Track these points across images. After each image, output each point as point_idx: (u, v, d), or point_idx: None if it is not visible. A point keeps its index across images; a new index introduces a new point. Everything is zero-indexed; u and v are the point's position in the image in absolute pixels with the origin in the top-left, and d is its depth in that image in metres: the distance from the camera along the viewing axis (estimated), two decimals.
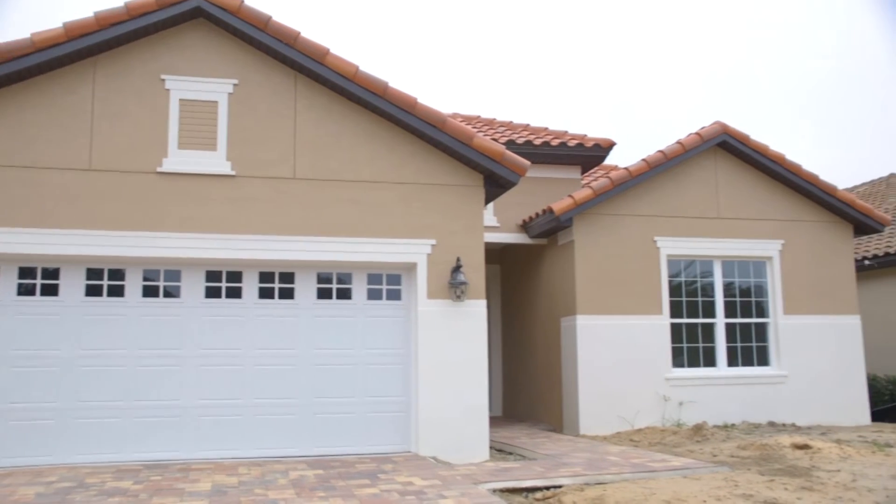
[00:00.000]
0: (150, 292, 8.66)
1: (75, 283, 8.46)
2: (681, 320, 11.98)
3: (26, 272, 8.38)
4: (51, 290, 8.41)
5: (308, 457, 8.64)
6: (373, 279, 9.26)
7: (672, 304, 11.97)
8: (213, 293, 8.81)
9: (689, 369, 11.90)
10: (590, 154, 13.16)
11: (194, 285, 8.76)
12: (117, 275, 8.59)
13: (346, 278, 9.21)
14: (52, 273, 8.44)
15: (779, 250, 12.40)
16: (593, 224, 11.73)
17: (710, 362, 12.07)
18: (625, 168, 11.80)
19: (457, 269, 9.02)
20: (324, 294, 9.11)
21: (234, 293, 8.87)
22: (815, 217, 12.65)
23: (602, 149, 13.14)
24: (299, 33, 8.67)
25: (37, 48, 7.98)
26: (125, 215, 8.36)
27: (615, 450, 9.34)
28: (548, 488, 7.13)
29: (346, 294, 9.18)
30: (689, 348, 12.00)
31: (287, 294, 9.01)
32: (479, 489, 6.86)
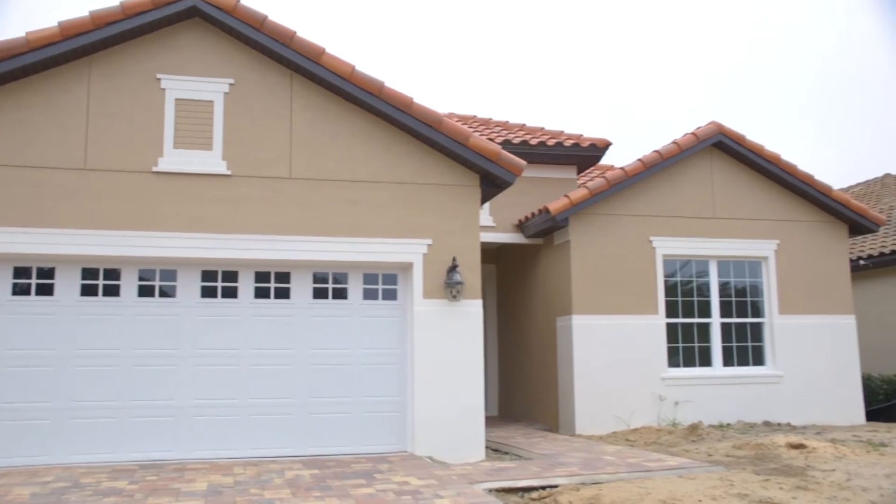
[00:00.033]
0: (145, 292, 8.65)
1: (70, 283, 8.44)
2: (677, 320, 12.00)
3: (21, 272, 8.36)
4: (46, 290, 8.39)
5: (304, 456, 8.64)
6: (369, 279, 9.26)
7: (668, 304, 11.98)
8: (208, 293, 8.80)
9: (685, 369, 11.92)
10: (586, 154, 13.18)
11: (190, 285, 8.75)
12: (113, 274, 8.58)
13: (342, 278, 9.20)
14: (47, 273, 8.42)
15: (774, 250, 12.43)
16: (589, 224, 11.74)
17: (706, 362, 12.09)
18: (621, 168, 11.81)
19: (453, 268, 9.02)
20: (320, 294, 9.10)
21: (230, 293, 8.86)
22: (810, 217, 12.69)
23: (598, 149, 13.15)
24: (295, 33, 8.66)
25: (32, 47, 7.96)
26: (121, 215, 8.35)
27: (611, 449, 9.35)
28: (544, 488, 7.13)
29: (342, 294, 9.17)
30: (685, 348, 12.02)
31: (283, 294, 9.00)
32: (474, 489, 6.86)
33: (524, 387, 13.39)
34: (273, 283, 8.98)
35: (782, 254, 12.45)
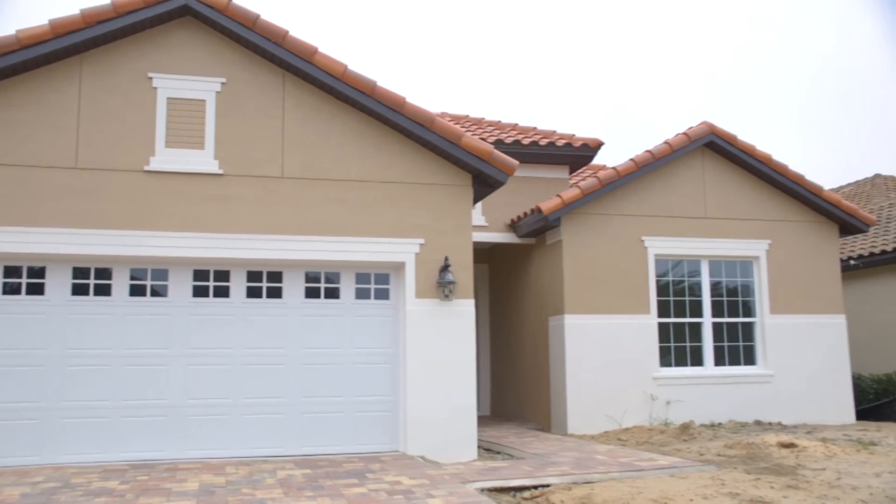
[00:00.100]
0: (137, 291, 8.62)
1: (61, 282, 8.41)
2: (668, 320, 12.03)
3: (11, 271, 8.32)
4: (36, 290, 8.35)
5: (296, 456, 8.63)
6: (361, 278, 9.25)
7: (660, 304, 12.01)
8: (200, 292, 8.78)
9: (677, 368, 11.95)
10: (578, 154, 13.19)
11: (182, 284, 8.72)
12: (104, 274, 8.54)
13: (334, 277, 9.19)
14: (37, 272, 8.39)
15: (765, 250, 12.48)
16: (581, 224, 11.76)
17: (698, 361, 12.12)
18: (613, 168, 11.83)
19: (445, 268, 9.03)
20: (312, 293, 9.09)
21: (222, 292, 8.84)
22: (801, 217, 12.74)
23: (590, 148, 13.17)
24: (287, 32, 8.65)
25: (22, 45, 7.92)
26: (112, 214, 8.31)
27: (603, 449, 9.37)
28: (535, 487, 7.14)
29: (334, 293, 9.16)
30: (677, 348, 12.05)
31: (275, 293, 8.98)
32: (467, 488, 6.87)
33: (516, 386, 13.41)
34: (265, 283, 8.97)
35: (773, 254, 12.50)
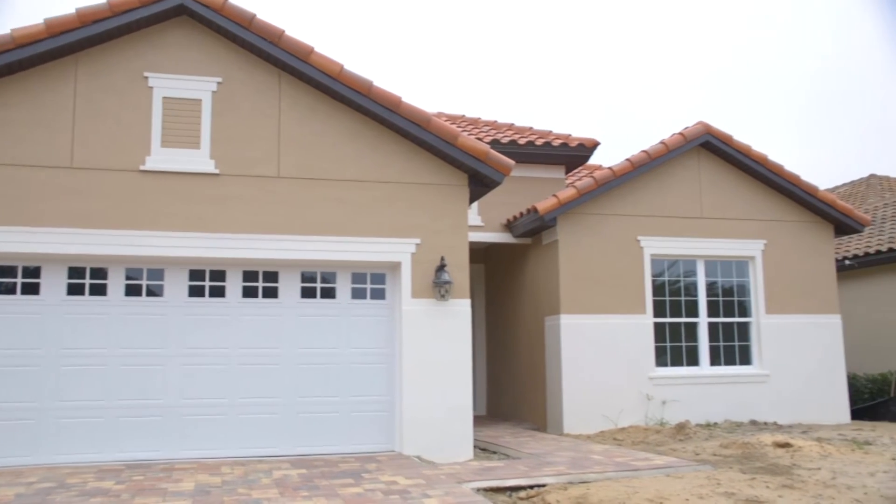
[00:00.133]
0: (132, 291, 8.60)
1: (57, 282, 8.39)
2: (664, 319, 12.05)
3: (6, 271, 8.29)
4: (31, 289, 8.33)
5: (292, 456, 8.62)
6: (357, 278, 9.25)
7: (655, 304, 12.03)
8: (196, 292, 8.76)
9: (673, 368, 11.97)
10: (574, 154, 13.20)
11: (177, 284, 8.71)
12: (99, 273, 8.53)
13: (330, 277, 9.19)
14: (32, 272, 8.36)
15: (761, 250, 12.50)
16: (577, 224, 11.77)
17: (693, 361, 12.14)
18: (609, 168, 11.84)
19: (441, 268, 9.03)
20: (308, 293, 9.08)
21: (218, 292, 8.82)
22: (796, 217, 12.76)
23: (586, 148, 13.18)
24: (283, 31, 8.64)
25: (17, 44, 7.90)
26: (108, 214, 8.30)
27: (599, 449, 9.38)
28: (531, 487, 7.15)
29: (330, 293, 9.16)
30: (673, 347, 12.07)
31: (271, 293, 8.98)
32: (463, 488, 6.87)
33: (512, 386, 13.41)
34: (261, 283, 8.96)
35: (769, 254, 12.53)
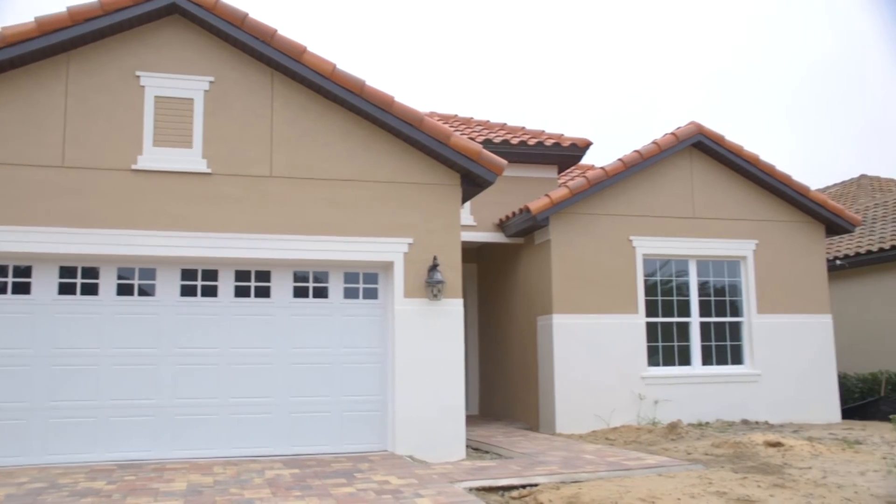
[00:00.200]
0: (124, 290, 8.57)
1: (48, 282, 8.35)
2: (656, 319, 12.08)
3: None
4: (22, 289, 8.29)
5: (284, 456, 8.61)
6: (349, 278, 9.24)
7: (648, 304, 12.05)
8: (188, 291, 8.74)
9: (665, 368, 12.00)
10: (567, 153, 13.22)
11: (170, 283, 8.68)
12: (91, 273, 8.49)
13: (322, 277, 9.18)
14: (23, 271, 8.32)
15: (753, 250, 12.54)
16: (570, 223, 11.78)
17: (685, 361, 12.17)
18: (601, 168, 11.86)
19: (433, 267, 9.03)
20: (300, 293, 9.07)
21: (210, 292, 8.80)
22: (788, 217, 12.81)
23: (579, 148, 13.20)
24: (276, 31, 8.62)
25: (8, 43, 7.86)
26: (99, 213, 8.27)
27: (591, 448, 9.40)
28: (524, 487, 7.16)
29: (322, 293, 9.15)
30: (665, 347, 12.10)
31: (263, 293, 8.96)
32: (455, 488, 6.87)
33: (505, 386, 13.42)
34: (253, 282, 8.94)
35: (760, 253, 12.57)
